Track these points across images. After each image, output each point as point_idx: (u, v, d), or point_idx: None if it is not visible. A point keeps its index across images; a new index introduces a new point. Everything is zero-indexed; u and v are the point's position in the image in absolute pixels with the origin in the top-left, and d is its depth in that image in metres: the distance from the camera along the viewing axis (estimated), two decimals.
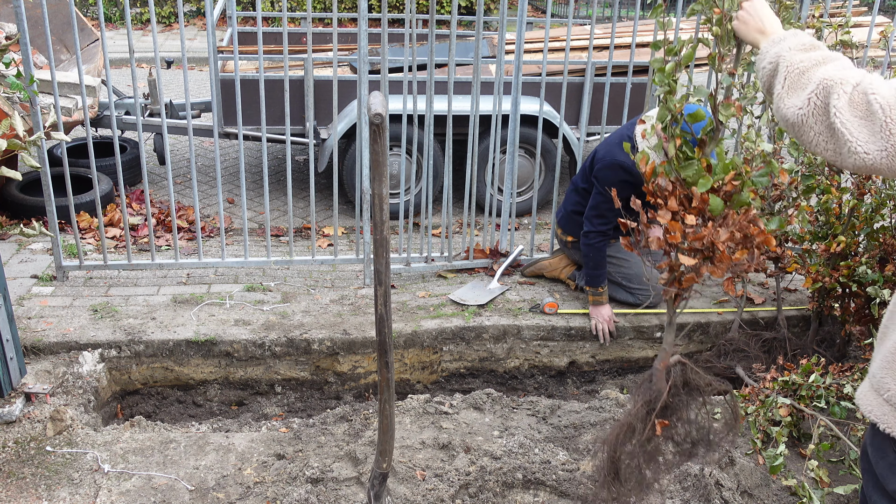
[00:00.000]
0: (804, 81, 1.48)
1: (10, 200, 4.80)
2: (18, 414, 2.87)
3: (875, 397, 1.55)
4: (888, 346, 1.56)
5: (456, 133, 4.46)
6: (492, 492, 2.61)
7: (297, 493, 2.53)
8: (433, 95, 3.82)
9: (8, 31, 4.94)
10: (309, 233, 4.96)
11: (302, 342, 3.53)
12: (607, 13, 13.10)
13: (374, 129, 1.68)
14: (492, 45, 6.04)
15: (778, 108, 1.51)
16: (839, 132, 1.39)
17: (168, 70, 8.45)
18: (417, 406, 3.12)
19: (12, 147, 2.39)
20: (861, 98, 1.39)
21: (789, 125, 1.50)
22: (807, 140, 1.46)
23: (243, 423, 3.16)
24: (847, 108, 1.39)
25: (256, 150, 6.58)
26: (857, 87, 1.40)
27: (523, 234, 5.01)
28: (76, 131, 5.94)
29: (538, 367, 3.85)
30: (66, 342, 3.35)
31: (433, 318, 3.74)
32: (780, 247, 3.57)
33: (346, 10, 12.84)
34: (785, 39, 1.57)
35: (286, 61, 3.70)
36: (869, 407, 1.56)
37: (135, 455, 2.76)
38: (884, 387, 1.53)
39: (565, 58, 4.08)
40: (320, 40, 6.26)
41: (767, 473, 2.73)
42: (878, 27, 4.68)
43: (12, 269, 4.05)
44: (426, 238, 4.37)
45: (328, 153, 4.81)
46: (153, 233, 4.28)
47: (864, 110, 1.38)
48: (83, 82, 3.61)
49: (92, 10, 12.45)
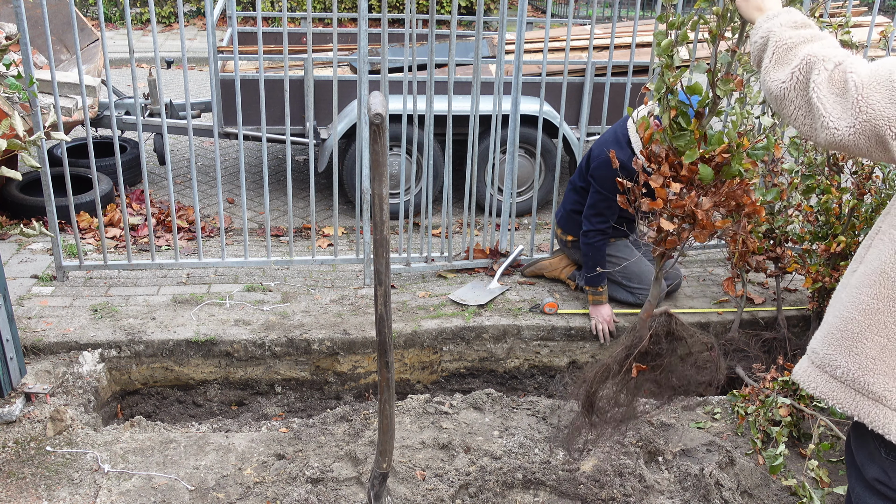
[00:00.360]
0: (790, 56, 1.52)
1: (10, 200, 4.80)
2: (18, 414, 2.87)
3: (819, 374, 1.55)
4: (832, 320, 1.55)
5: (456, 133, 4.46)
6: (492, 492, 2.61)
7: (297, 493, 2.54)
8: (433, 95, 3.83)
9: (8, 31, 4.94)
10: (309, 233, 4.96)
11: (302, 342, 3.53)
12: (607, 13, 13.10)
13: (374, 129, 1.68)
14: (492, 45, 6.04)
15: (764, 80, 1.56)
16: (815, 107, 1.44)
17: (168, 70, 8.45)
18: (417, 406, 3.12)
19: (12, 147, 2.39)
20: (840, 76, 1.43)
21: (772, 97, 1.54)
22: (787, 113, 1.51)
23: (243, 423, 3.16)
24: (825, 84, 1.44)
25: (256, 150, 6.58)
26: (839, 66, 1.44)
27: (523, 234, 5.01)
28: (76, 131, 5.94)
29: (538, 367, 3.85)
30: (66, 342, 3.35)
31: (433, 318, 3.74)
32: (780, 247, 3.57)
33: (346, 10, 12.84)
34: (778, 16, 1.61)
35: (286, 61, 3.70)
36: (814, 384, 1.56)
37: (135, 455, 2.76)
38: (831, 363, 1.53)
39: (565, 58, 4.09)
40: (320, 40, 6.26)
41: (767, 473, 2.73)
42: (878, 27, 4.68)
43: (12, 269, 4.05)
44: (426, 238, 4.37)
45: (328, 153, 4.81)
46: (153, 233, 4.28)
47: (840, 87, 1.42)
48: (83, 82, 3.61)
49: (92, 10, 12.45)
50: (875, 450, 1.52)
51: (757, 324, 3.85)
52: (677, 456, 2.81)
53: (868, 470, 1.53)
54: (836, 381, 1.52)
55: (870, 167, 3.35)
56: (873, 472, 1.52)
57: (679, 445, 2.86)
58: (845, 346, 1.51)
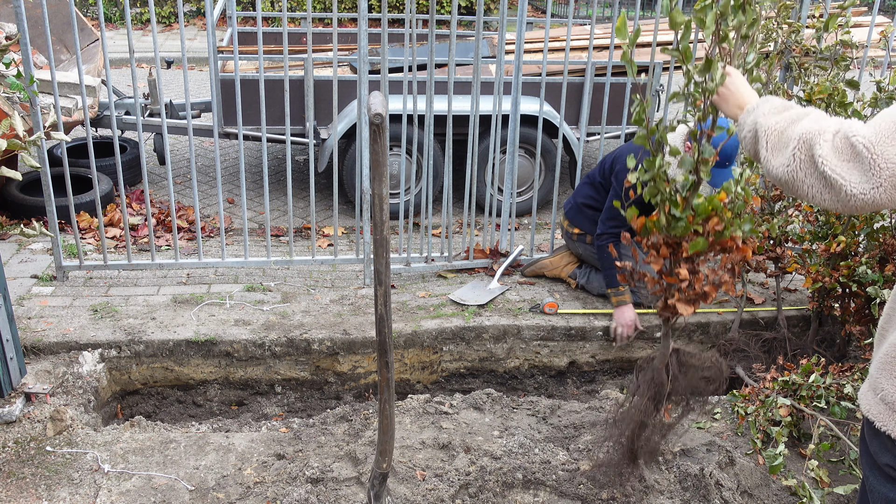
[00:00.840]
0: (784, 140, 1.54)
1: (10, 200, 4.80)
2: (18, 414, 2.87)
3: (872, 396, 1.61)
4: (884, 348, 1.61)
5: (456, 133, 4.46)
6: (492, 492, 2.61)
7: (297, 493, 2.54)
8: (433, 95, 3.83)
9: (8, 31, 4.94)
10: (309, 233, 4.96)
11: (302, 342, 3.53)
12: (607, 13, 13.10)
13: (374, 129, 1.68)
14: (492, 45, 6.05)
15: (767, 170, 1.57)
16: (831, 179, 1.43)
17: (168, 70, 8.45)
18: (417, 406, 3.12)
19: (12, 147, 2.39)
20: (843, 143, 1.43)
21: (781, 183, 1.55)
22: (803, 194, 1.51)
23: (243, 423, 3.16)
24: (832, 155, 1.44)
25: (256, 150, 6.58)
26: (838, 134, 1.45)
27: (523, 234, 5.01)
28: (76, 131, 5.94)
29: (538, 367, 3.85)
30: (66, 342, 3.35)
31: (433, 318, 3.74)
32: (780, 247, 3.57)
33: (346, 10, 12.84)
34: (758, 107, 1.64)
35: (286, 61, 3.70)
36: (867, 406, 1.62)
37: (135, 455, 2.76)
38: (879, 386, 1.59)
39: (565, 58, 4.09)
40: (320, 40, 6.26)
41: (767, 473, 2.73)
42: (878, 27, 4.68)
43: (12, 269, 4.05)
44: (426, 238, 4.37)
45: (328, 153, 4.81)
46: (153, 233, 4.28)
47: (849, 153, 1.43)
48: (83, 82, 3.61)
49: (92, 10, 12.45)
50: (889, 440, 1.58)
51: (757, 324, 3.85)
52: (677, 456, 2.81)
53: (881, 457, 1.58)
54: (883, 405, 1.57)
55: None
56: (886, 459, 1.57)
57: (679, 445, 2.86)
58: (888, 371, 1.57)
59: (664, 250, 2.08)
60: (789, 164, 1.50)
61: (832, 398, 2.78)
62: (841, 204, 1.45)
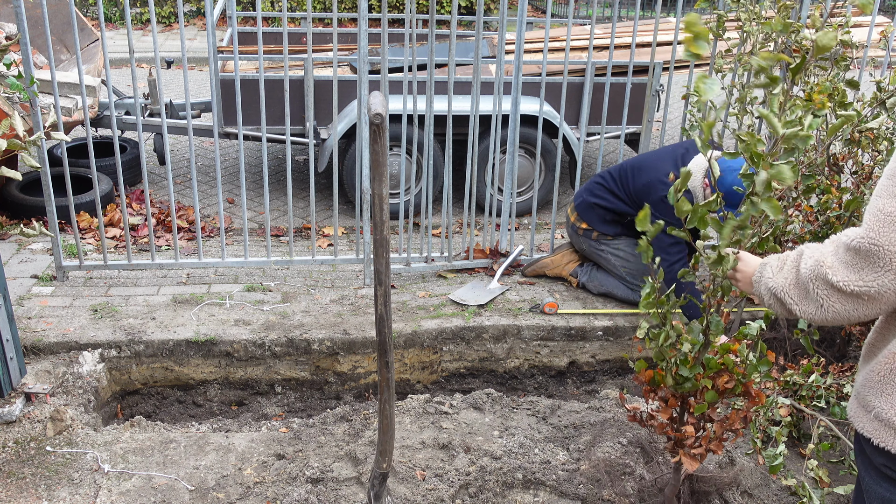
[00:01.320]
0: (802, 288, 1.58)
1: (10, 200, 4.80)
2: (18, 414, 2.87)
3: (864, 414, 1.63)
4: (871, 364, 1.64)
5: (456, 133, 4.46)
6: (492, 492, 2.61)
7: (297, 493, 2.54)
8: (433, 95, 3.83)
9: (8, 31, 4.94)
10: (309, 233, 4.96)
11: (302, 342, 3.53)
12: (607, 13, 13.10)
13: (374, 129, 1.68)
14: (492, 45, 6.04)
15: (810, 320, 1.61)
16: (860, 293, 1.47)
17: (168, 70, 8.45)
18: (417, 406, 3.12)
19: (12, 147, 2.39)
20: (846, 255, 1.48)
21: (828, 322, 1.59)
22: (854, 318, 1.54)
23: (243, 423, 3.16)
24: (846, 272, 1.48)
25: (256, 150, 6.58)
26: (837, 252, 1.51)
27: (523, 234, 5.01)
28: (76, 131, 5.94)
29: (538, 367, 3.85)
30: (66, 342, 3.35)
31: (433, 318, 3.74)
32: (781, 247, 3.57)
33: (346, 10, 12.84)
34: (762, 274, 1.70)
35: (286, 61, 3.70)
36: (860, 424, 1.64)
37: (135, 455, 2.76)
38: (869, 404, 1.61)
39: (565, 58, 4.09)
40: (320, 40, 6.26)
41: (767, 473, 2.72)
42: (878, 27, 4.68)
43: (12, 269, 4.05)
44: (426, 238, 4.37)
45: (328, 153, 4.81)
46: (153, 233, 4.28)
47: (857, 260, 1.47)
48: (83, 82, 3.61)
49: (92, 10, 12.45)
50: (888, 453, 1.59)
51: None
52: None
53: (877, 457, 1.60)
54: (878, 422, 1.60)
55: (870, 167, 3.35)
56: (882, 459, 1.59)
57: None
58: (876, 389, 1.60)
59: (672, 402, 2.12)
60: (821, 303, 1.54)
61: (832, 398, 2.78)
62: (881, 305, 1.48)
